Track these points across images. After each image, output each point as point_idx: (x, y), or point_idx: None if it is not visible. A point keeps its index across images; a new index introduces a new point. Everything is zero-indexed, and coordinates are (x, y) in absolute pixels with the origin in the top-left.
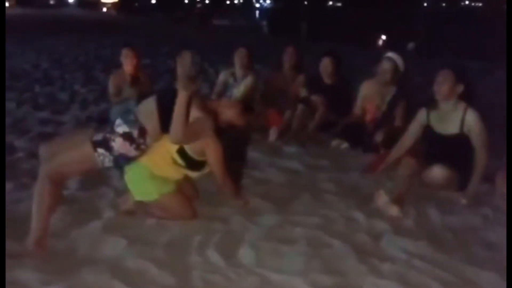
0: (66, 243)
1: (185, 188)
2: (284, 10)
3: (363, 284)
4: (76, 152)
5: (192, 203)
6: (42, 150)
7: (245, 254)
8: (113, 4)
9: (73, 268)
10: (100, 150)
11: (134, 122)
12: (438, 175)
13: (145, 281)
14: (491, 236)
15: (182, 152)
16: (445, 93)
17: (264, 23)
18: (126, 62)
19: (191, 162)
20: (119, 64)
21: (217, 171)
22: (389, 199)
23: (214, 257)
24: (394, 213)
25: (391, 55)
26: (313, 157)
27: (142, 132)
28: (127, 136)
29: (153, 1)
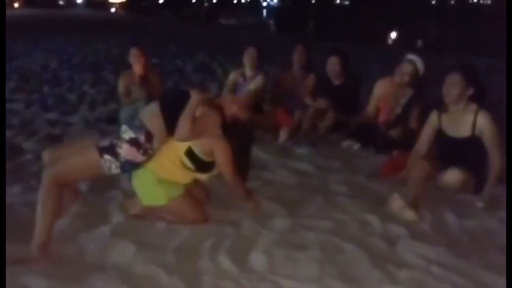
0: (74, 248)
1: (195, 191)
2: (291, 8)
3: None
4: (81, 157)
5: (203, 206)
6: (46, 155)
7: (257, 260)
8: (121, 4)
9: (81, 274)
10: (107, 157)
11: (139, 127)
12: (454, 178)
13: (154, 287)
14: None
15: (190, 153)
16: (455, 98)
17: (271, 22)
18: (135, 62)
19: (200, 163)
20: (128, 64)
21: (227, 171)
22: (404, 203)
23: (226, 263)
24: (410, 217)
25: (412, 57)
26: (324, 158)
27: (149, 137)
28: (133, 142)
29: (161, 1)
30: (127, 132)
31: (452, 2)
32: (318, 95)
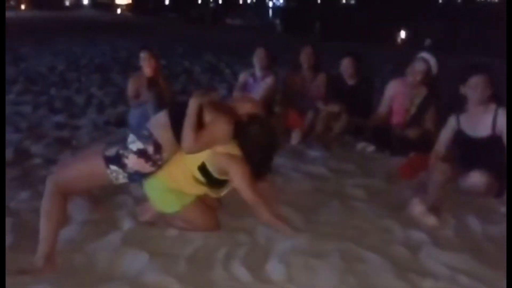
0: (83, 256)
1: (207, 198)
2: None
3: None
4: (86, 166)
5: (215, 213)
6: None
7: (274, 269)
8: (127, 5)
9: (91, 284)
10: (113, 167)
11: (148, 138)
12: (477, 181)
13: None
14: None
15: (203, 169)
16: (482, 100)
17: (277, 22)
18: (145, 65)
19: (212, 180)
20: (135, 66)
21: (245, 195)
22: (425, 207)
23: (240, 272)
24: (432, 222)
25: (424, 55)
26: (338, 161)
27: (158, 148)
28: (141, 153)
29: (167, 2)
30: (134, 143)
31: (459, 0)
32: (330, 96)
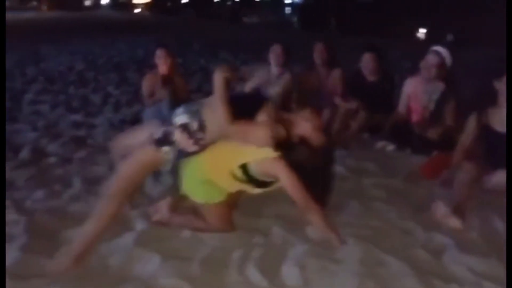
0: (97, 258)
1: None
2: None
3: None
4: (140, 157)
5: (231, 215)
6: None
7: (290, 273)
8: (145, 4)
9: (104, 286)
10: (165, 148)
11: (195, 114)
12: (504, 180)
13: None
14: None
15: (244, 168)
16: None
17: (295, 19)
18: (160, 63)
19: (252, 179)
20: (152, 64)
21: (297, 198)
22: (449, 210)
23: (255, 276)
24: (456, 224)
25: (437, 48)
26: (357, 160)
27: (202, 127)
28: (185, 128)
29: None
30: (180, 116)
31: None
32: (348, 92)
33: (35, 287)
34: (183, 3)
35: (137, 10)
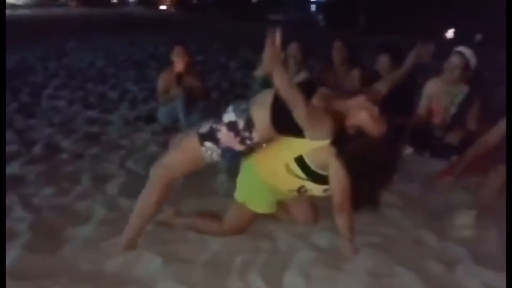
0: (97, 257)
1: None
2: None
3: None
4: (182, 151)
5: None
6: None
7: (292, 281)
8: (171, 1)
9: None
10: (208, 144)
11: (243, 111)
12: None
13: None
14: None
15: (300, 161)
16: None
17: (320, 17)
18: (176, 60)
19: (310, 172)
20: (171, 62)
21: (336, 195)
22: (470, 218)
23: (257, 283)
24: (472, 235)
25: (461, 49)
26: None
27: (249, 125)
28: (232, 126)
29: None
30: (228, 114)
31: None
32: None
33: (36, 287)
34: (208, 1)
35: (163, 7)
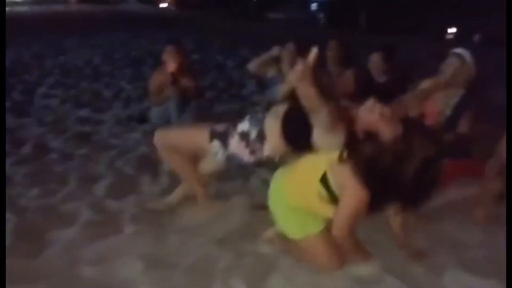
0: (78, 261)
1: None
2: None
3: None
4: (191, 131)
5: (339, 248)
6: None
7: (277, 286)
8: None
9: None
10: (216, 142)
11: (258, 122)
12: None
13: None
14: None
15: (325, 182)
16: None
17: (322, 16)
18: (168, 60)
19: (334, 197)
20: (162, 61)
21: (338, 224)
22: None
23: None
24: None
25: (458, 51)
26: None
27: (260, 136)
28: (244, 136)
29: None
30: (243, 123)
31: None
32: (360, 93)
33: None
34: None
35: (164, 5)
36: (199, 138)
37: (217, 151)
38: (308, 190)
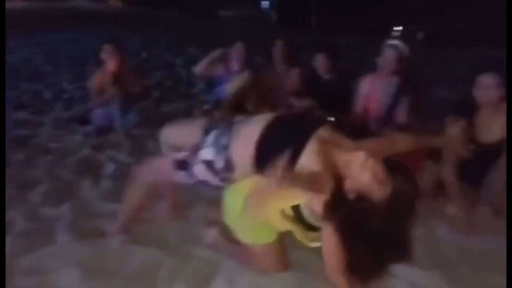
0: (10, 274)
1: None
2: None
3: None
4: (162, 168)
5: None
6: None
7: None
8: None
9: None
10: (180, 172)
11: (223, 149)
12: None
13: None
14: None
15: (295, 207)
16: (494, 100)
17: (272, 14)
18: (107, 59)
19: (302, 220)
20: (101, 61)
21: (326, 260)
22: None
23: None
24: None
25: (392, 42)
26: None
27: (229, 166)
28: (209, 165)
29: None
30: (206, 150)
31: None
32: (305, 91)
33: None
34: None
35: (112, 2)
36: (169, 172)
37: (185, 180)
38: (273, 205)
